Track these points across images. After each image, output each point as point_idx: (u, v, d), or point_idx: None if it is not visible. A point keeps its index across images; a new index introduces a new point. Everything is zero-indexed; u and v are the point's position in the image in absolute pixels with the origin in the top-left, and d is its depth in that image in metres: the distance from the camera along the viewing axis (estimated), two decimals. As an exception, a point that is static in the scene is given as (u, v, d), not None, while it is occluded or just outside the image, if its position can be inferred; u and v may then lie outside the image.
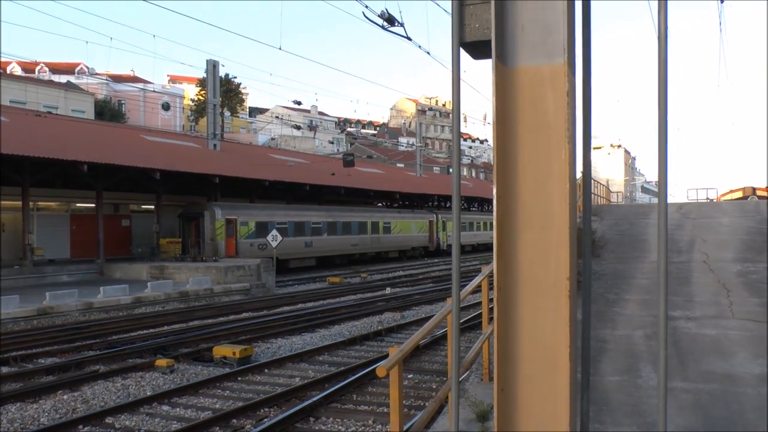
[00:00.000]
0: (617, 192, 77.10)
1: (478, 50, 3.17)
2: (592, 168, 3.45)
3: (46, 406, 10.14)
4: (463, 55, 3.18)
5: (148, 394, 10.76)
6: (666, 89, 2.56)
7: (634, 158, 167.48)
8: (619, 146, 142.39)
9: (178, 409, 10.05)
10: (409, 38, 16.76)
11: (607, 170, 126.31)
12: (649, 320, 9.17)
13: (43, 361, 13.56)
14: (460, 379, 5.03)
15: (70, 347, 14.83)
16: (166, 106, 75.84)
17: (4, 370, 12.73)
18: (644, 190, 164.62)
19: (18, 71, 67.30)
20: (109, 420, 9.41)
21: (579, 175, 3.28)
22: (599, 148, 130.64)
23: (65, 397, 10.69)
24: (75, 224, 32.74)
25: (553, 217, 2.83)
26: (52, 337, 16.17)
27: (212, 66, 41.06)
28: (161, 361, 12.63)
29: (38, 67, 69.76)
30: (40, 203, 31.17)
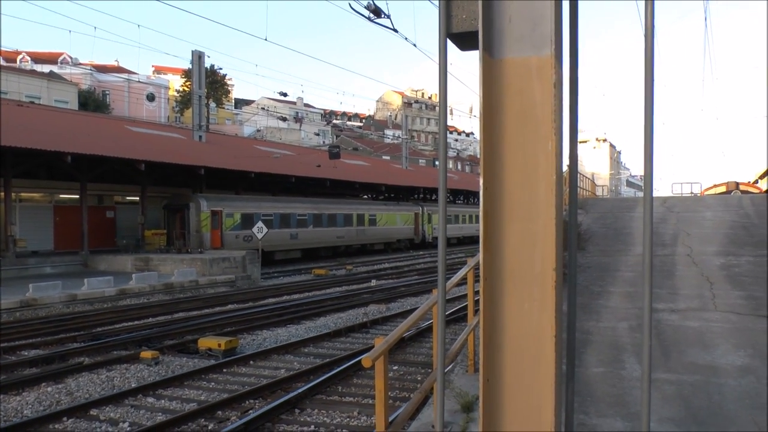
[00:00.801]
0: (602, 186, 77.54)
1: (465, 41, 3.17)
2: (578, 161, 3.45)
3: (30, 398, 10.08)
4: (450, 46, 3.18)
5: (133, 386, 10.71)
6: (652, 85, 2.57)
7: (619, 152, 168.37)
8: (605, 140, 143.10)
9: (163, 401, 10.02)
10: (395, 30, 16.75)
11: (593, 164, 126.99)
12: (633, 312, 9.25)
13: (26, 353, 13.46)
14: (445, 370, 5.04)
15: (53, 339, 14.74)
16: (150, 97, 75.37)
17: (-13, 362, 12.63)
18: (629, 184, 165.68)
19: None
20: (93, 412, 9.37)
21: (565, 167, 3.29)
22: (585, 141, 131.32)
23: (49, 389, 10.62)
24: (58, 216, 32.47)
25: (539, 209, 2.84)
26: (35, 329, 16.05)
27: (197, 57, 40.80)
28: (146, 353, 12.58)
29: (20, 57, 69.01)
30: (22, 194, 30.88)
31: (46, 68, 66.22)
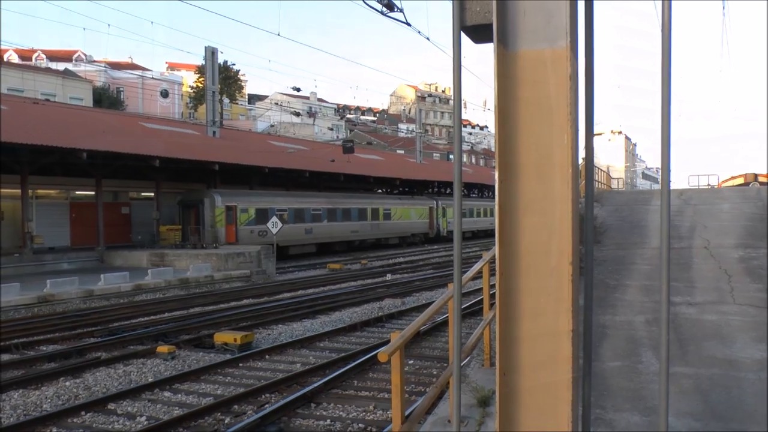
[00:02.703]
0: (618, 178, 77.08)
1: (480, 34, 3.14)
2: (593, 154, 3.42)
3: (49, 392, 10.18)
4: (464, 40, 3.16)
5: (150, 380, 10.79)
6: (669, 77, 2.54)
7: (634, 144, 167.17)
8: (620, 132, 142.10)
9: (179, 395, 10.08)
10: (408, 24, 16.68)
11: (608, 156, 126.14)
12: (649, 306, 9.18)
13: (44, 349, 13.60)
14: (461, 364, 5.03)
15: (71, 334, 14.87)
16: (164, 94, 75.68)
17: (6, 357, 12.77)
18: (645, 176, 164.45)
19: (15, 59, 67.02)
20: (111, 406, 9.45)
21: (581, 160, 3.26)
22: (600, 134, 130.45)
23: (67, 383, 10.73)
24: (75, 212, 32.73)
25: (555, 203, 2.82)
26: (53, 324, 16.20)
27: (210, 53, 40.87)
28: (162, 348, 12.67)
29: (35, 55, 69.52)
30: (39, 191, 31.15)
31: (61, 66, 66.65)
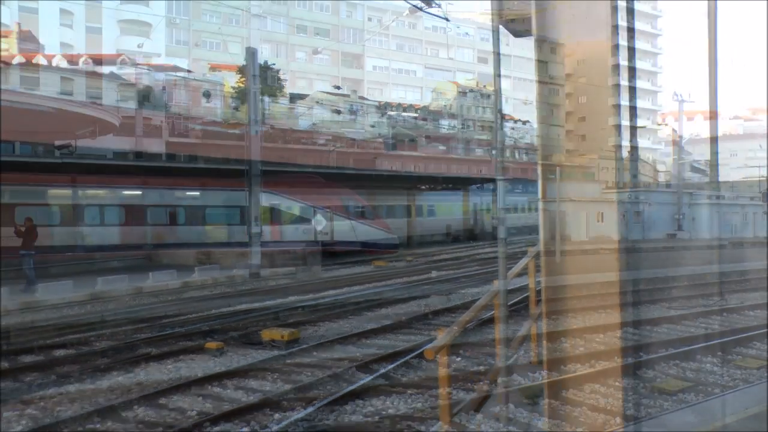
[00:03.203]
0: (665, 171, 75.48)
1: (519, 27, 3.14)
2: (638, 148, 3.37)
3: (103, 386, 10.46)
4: (505, 33, 3.16)
5: (199, 375, 10.97)
6: (716, 74, 2.50)
7: (681, 137, 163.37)
8: (666, 124, 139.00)
9: (228, 390, 10.24)
10: (447, 19, 16.64)
11: (654, 149, 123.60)
12: (700, 301, 9.02)
13: (97, 344, 13.94)
14: (509, 361, 4.98)
15: (122, 330, 15.21)
16: (207, 94, 76.65)
17: (62, 353, 13.15)
18: (693, 169, 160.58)
19: (64, 64, 68.67)
20: (162, 401, 9.64)
21: (626, 153, 3.23)
22: (643, 126, 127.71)
23: (120, 378, 10.99)
24: (124, 211, 33.43)
25: (599, 198, 2.80)
26: (105, 320, 16.60)
27: (251, 53, 41.23)
28: (211, 344, 12.86)
29: (82, 59, 71.12)
30: (89, 191, 31.89)
31: (106, 69, 68.00)
